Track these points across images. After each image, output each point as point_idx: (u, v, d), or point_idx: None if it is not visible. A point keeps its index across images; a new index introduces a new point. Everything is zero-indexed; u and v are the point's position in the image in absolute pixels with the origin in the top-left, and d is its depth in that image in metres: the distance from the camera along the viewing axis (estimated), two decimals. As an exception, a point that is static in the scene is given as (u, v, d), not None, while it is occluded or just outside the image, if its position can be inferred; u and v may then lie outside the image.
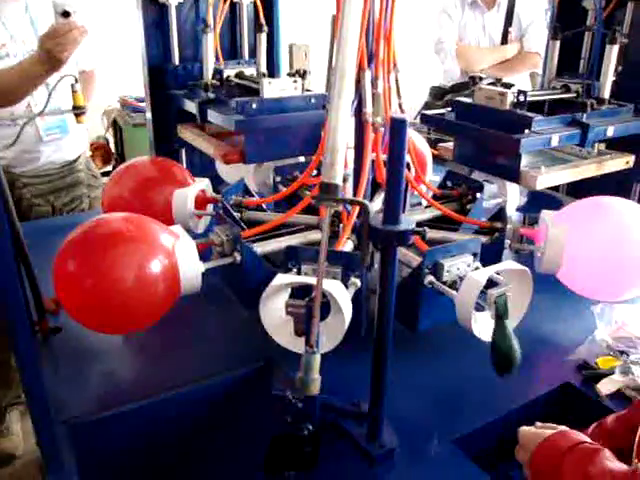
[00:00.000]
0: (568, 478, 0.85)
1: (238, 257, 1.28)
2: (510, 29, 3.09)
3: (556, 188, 1.91)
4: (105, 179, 3.39)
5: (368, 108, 1.18)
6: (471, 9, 3.13)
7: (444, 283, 1.19)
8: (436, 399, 1.21)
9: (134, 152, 3.63)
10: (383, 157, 1.23)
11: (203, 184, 1.58)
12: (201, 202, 1.55)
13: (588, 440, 0.90)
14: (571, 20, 1.91)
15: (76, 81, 1.58)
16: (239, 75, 1.93)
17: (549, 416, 1.09)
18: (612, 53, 1.63)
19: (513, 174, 1.53)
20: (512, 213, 1.55)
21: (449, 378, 1.27)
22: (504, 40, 3.11)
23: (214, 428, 1.30)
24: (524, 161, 1.55)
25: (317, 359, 0.85)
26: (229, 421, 1.31)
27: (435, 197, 1.54)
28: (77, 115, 1.60)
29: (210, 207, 1.57)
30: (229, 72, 1.94)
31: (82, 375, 1.30)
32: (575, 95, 1.69)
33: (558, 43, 1.85)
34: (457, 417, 1.16)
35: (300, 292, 1.07)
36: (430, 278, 1.18)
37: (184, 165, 2.15)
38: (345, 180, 0.84)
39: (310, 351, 0.85)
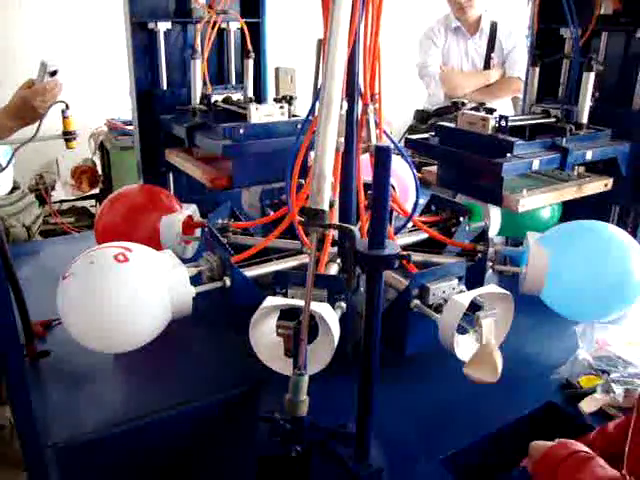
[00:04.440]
0: None
1: (228, 281, 1.30)
2: (492, 54, 3.15)
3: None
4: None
5: (373, 140, 1.22)
6: (454, 35, 3.20)
7: (430, 306, 1.22)
8: (423, 419, 1.23)
9: (121, 175, 3.63)
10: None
11: (190, 210, 1.60)
12: (188, 227, 1.57)
13: (585, 449, 0.95)
14: (550, 47, 1.97)
15: (67, 107, 1.61)
16: (226, 100, 1.97)
17: (533, 435, 1.11)
18: (589, 80, 1.68)
19: (496, 197, 1.57)
20: (494, 236, 1.57)
21: (435, 399, 1.29)
22: (486, 65, 3.18)
23: (200, 451, 1.30)
24: (507, 184, 1.59)
25: (305, 381, 0.87)
26: (215, 444, 1.31)
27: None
28: (67, 140, 1.63)
29: (198, 232, 1.59)
30: (217, 97, 1.98)
31: (69, 398, 1.30)
32: (555, 120, 1.74)
33: (537, 70, 1.92)
34: (443, 437, 1.17)
35: (288, 315, 1.09)
36: (416, 302, 1.21)
37: (172, 189, 2.18)
38: (331, 206, 0.87)
39: (298, 373, 0.87)
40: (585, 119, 1.73)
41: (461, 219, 1.57)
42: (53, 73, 1.77)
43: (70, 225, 3.59)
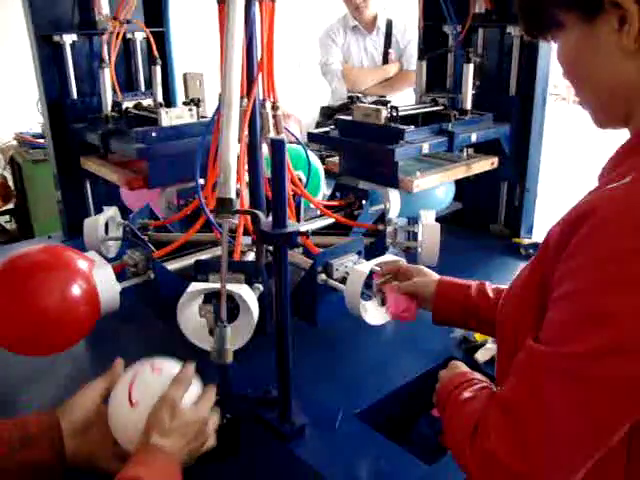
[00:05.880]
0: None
1: (152, 275, 1.39)
2: (390, 50, 3.35)
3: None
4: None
5: (271, 133, 1.36)
6: (353, 33, 3.37)
7: (335, 280, 1.36)
8: (338, 381, 1.36)
9: (36, 188, 3.60)
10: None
11: (111, 211, 1.68)
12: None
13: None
14: (436, 42, 2.16)
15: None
16: (137, 106, 2.04)
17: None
18: (469, 70, 1.88)
19: (392, 181, 1.73)
20: (394, 216, 1.73)
21: (348, 362, 1.44)
22: (385, 61, 3.37)
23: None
24: (404, 168, 1.75)
25: (228, 331, 0.99)
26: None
27: (326, 208, 1.72)
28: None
29: (120, 231, 1.66)
30: (127, 104, 2.05)
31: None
32: (442, 107, 1.93)
33: (425, 63, 2.11)
34: (358, 395, 1.31)
35: (211, 299, 1.21)
36: (322, 277, 1.35)
37: (90, 200, 2.24)
38: (237, 194, 0.99)
39: (222, 325, 0.99)
40: (468, 105, 1.92)
41: (363, 202, 1.73)
42: None
43: (-16, 242, 3.53)
